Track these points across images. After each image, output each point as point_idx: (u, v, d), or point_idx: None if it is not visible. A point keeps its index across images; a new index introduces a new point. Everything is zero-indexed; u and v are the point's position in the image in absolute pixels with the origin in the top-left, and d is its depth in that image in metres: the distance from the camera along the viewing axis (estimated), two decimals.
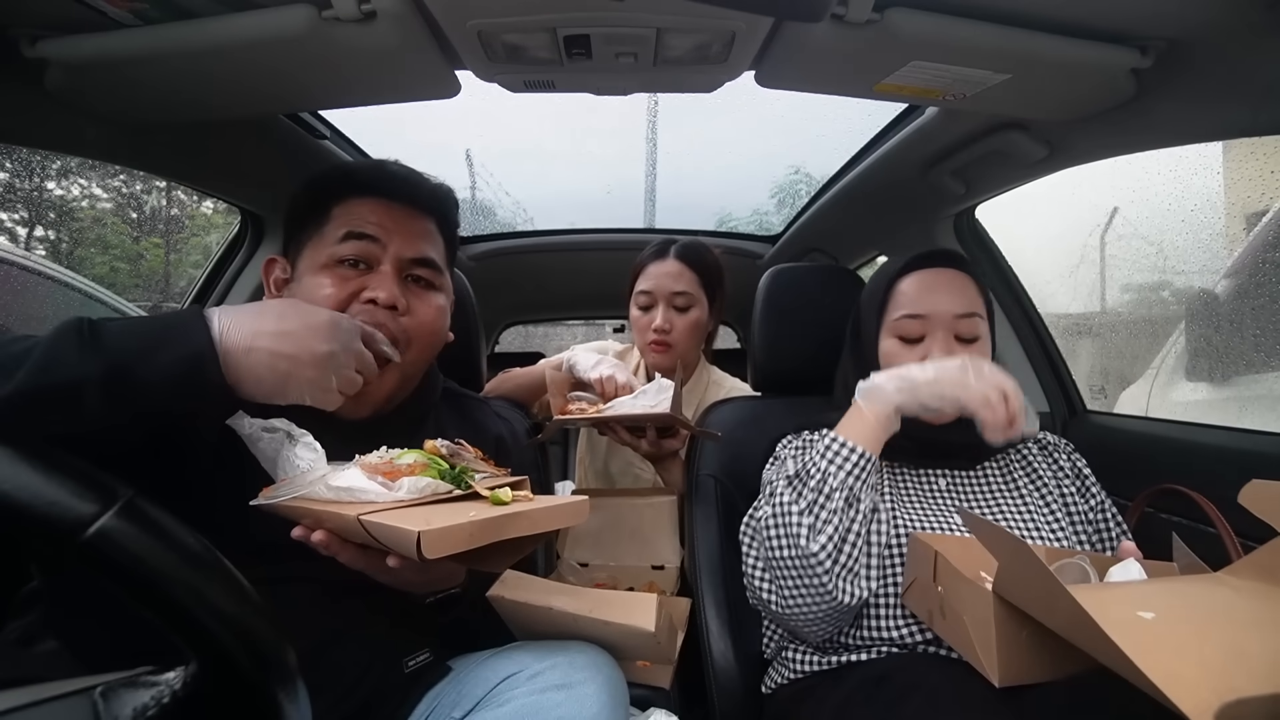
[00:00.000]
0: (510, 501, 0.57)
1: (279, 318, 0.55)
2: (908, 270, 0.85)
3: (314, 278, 0.67)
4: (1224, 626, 0.47)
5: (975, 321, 0.81)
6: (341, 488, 0.53)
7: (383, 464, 0.57)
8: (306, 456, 0.58)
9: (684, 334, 1.23)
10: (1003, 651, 0.53)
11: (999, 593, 0.53)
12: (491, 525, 0.51)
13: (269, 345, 0.53)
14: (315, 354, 0.55)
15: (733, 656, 0.90)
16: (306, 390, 0.56)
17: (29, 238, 2.79)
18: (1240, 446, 0.89)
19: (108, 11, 0.65)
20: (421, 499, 0.55)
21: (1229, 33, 0.67)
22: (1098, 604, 0.44)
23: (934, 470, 0.84)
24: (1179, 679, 0.38)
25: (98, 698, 0.30)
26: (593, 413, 1.04)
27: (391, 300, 0.67)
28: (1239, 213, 1.51)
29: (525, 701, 0.64)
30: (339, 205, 0.70)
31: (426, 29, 0.68)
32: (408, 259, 0.70)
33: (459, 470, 0.60)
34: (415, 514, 0.51)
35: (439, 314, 0.74)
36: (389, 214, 0.69)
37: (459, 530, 0.48)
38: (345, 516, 0.50)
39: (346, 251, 0.67)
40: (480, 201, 2.02)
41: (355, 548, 0.56)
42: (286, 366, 0.54)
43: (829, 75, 0.78)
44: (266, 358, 0.53)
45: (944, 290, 0.82)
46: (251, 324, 0.54)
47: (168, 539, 0.31)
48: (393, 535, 0.48)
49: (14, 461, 0.28)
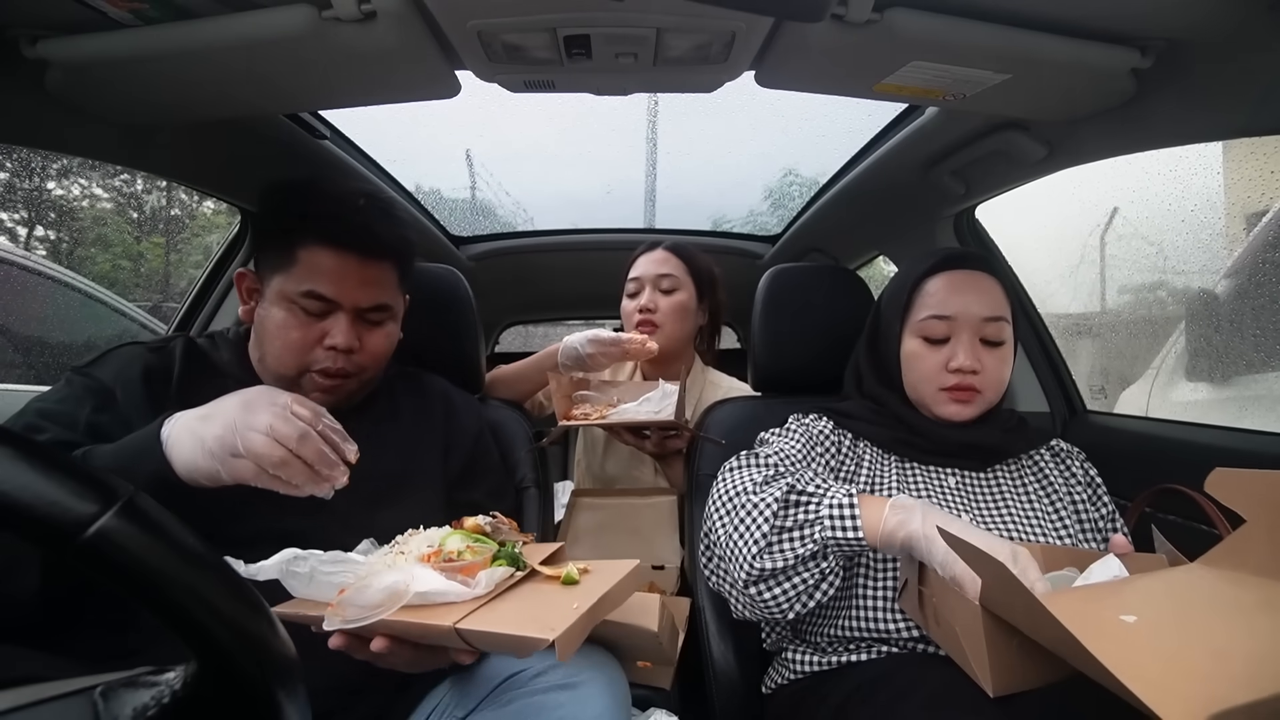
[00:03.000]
0: (580, 578, 0.58)
1: (207, 413, 0.59)
2: (935, 270, 0.84)
3: (281, 314, 0.74)
4: (1204, 625, 0.47)
5: (1002, 326, 0.81)
6: (423, 593, 0.53)
7: (447, 562, 0.56)
8: (348, 569, 0.55)
9: (669, 314, 1.25)
10: (995, 661, 0.53)
11: (986, 605, 0.54)
12: (593, 613, 0.53)
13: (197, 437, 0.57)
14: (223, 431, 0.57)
15: (733, 656, 0.90)
16: (205, 469, 0.58)
17: (29, 238, 2.79)
18: (1240, 446, 0.89)
19: (108, 12, 0.65)
20: (496, 590, 0.56)
21: (1229, 33, 0.67)
22: (1080, 612, 0.45)
23: (945, 469, 0.83)
24: (1165, 692, 0.38)
25: (98, 698, 0.30)
26: (597, 417, 1.05)
27: (348, 345, 0.75)
28: (1239, 213, 1.51)
29: (527, 701, 0.64)
30: (304, 249, 0.74)
31: (426, 29, 0.68)
32: (364, 308, 0.77)
33: (511, 547, 0.61)
34: (507, 611, 0.52)
35: (387, 340, 0.82)
36: (346, 268, 0.75)
37: (578, 625, 0.50)
38: (440, 627, 0.49)
39: (308, 305, 0.74)
40: (480, 201, 2.02)
41: (412, 648, 0.56)
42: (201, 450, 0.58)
43: (829, 75, 0.78)
44: (205, 478, 0.57)
45: (972, 292, 0.81)
46: (194, 418, 0.59)
47: (168, 539, 0.31)
48: (508, 641, 0.48)
49: (14, 461, 0.28)
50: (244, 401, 0.59)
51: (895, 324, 0.86)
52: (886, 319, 0.88)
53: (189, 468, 0.57)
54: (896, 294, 0.87)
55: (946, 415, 0.82)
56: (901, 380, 0.86)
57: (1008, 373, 0.83)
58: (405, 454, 0.83)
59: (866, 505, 0.66)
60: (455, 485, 0.87)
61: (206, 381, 0.75)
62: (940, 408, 0.82)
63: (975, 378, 0.80)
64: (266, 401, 0.59)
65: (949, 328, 0.81)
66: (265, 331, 0.76)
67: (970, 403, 0.81)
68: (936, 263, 0.84)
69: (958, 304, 0.80)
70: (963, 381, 0.80)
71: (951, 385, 0.80)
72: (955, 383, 0.80)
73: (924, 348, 0.82)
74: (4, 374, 1.53)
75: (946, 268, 0.83)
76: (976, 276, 0.82)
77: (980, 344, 0.80)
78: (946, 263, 0.84)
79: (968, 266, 0.83)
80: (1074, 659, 0.44)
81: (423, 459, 0.85)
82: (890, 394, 0.87)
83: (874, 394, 0.89)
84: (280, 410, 0.58)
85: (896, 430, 0.85)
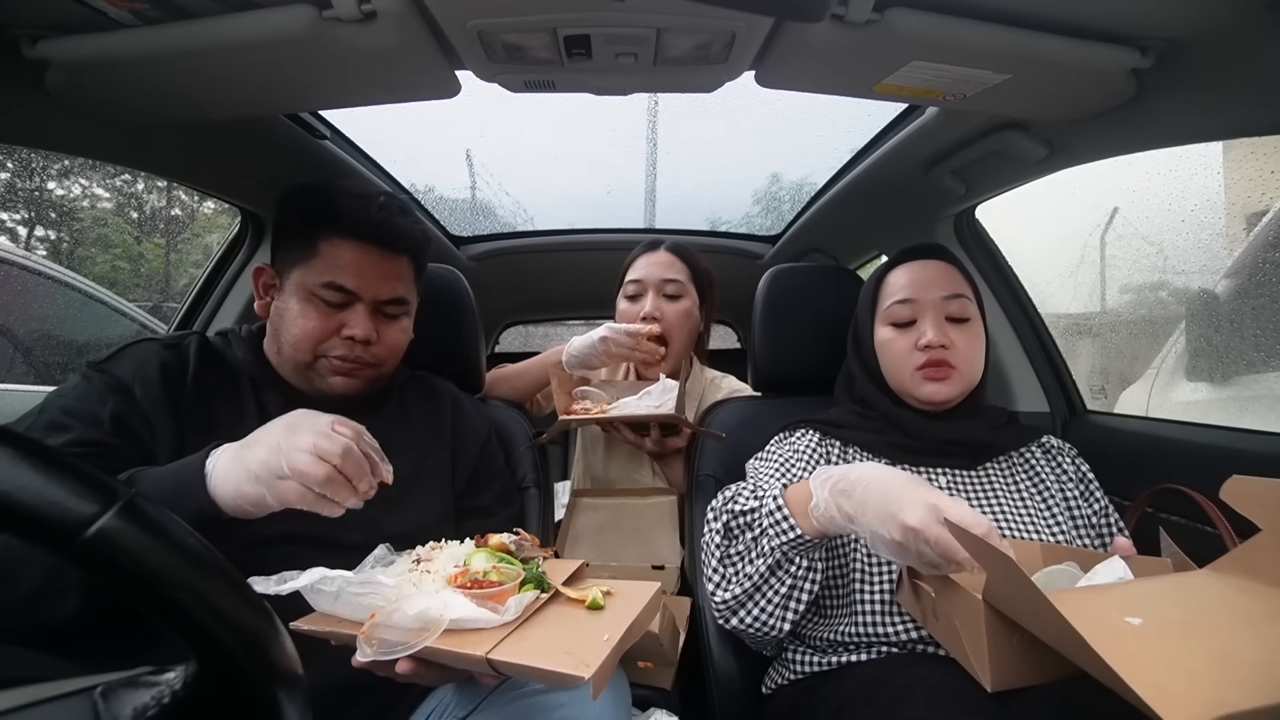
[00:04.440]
0: (605, 603, 0.58)
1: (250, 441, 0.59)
2: (894, 264, 0.90)
3: (300, 305, 0.76)
4: (1211, 631, 0.47)
5: (964, 303, 0.85)
6: (455, 619, 0.53)
7: (475, 584, 0.56)
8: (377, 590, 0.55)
9: (675, 322, 1.21)
10: (995, 657, 0.53)
11: (988, 600, 0.53)
12: (622, 644, 0.52)
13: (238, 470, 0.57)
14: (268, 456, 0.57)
15: (733, 656, 0.90)
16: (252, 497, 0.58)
17: (29, 238, 2.79)
18: (1240, 446, 0.89)
19: (108, 11, 0.65)
20: (525, 614, 0.56)
21: (1229, 33, 0.67)
22: (1085, 611, 0.44)
23: (935, 468, 0.84)
24: (1168, 693, 0.38)
25: (98, 698, 0.30)
26: (597, 413, 1.04)
27: (366, 337, 0.77)
28: (1239, 213, 1.51)
29: (528, 701, 0.64)
30: (325, 242, 0.76)
31: (426, 29, 0.68)
32: (382, 301, 0.79)
33: (535, 567, 0.61)
34: (537, 640, 0.52)
35: (404, 334, 0.84)
36: (368, 260, 0.77)
37: (610, 660, 0.50)
38: (473, 656, 0.50)
39: (328, 295, 0.76)
40: (480, 201, 2.02)
41: (439, 669, 0.56)
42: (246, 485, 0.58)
43: (829, 75, 0.78)
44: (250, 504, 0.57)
45: (929, 274, 0.86)
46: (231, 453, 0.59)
47: (168, 539, 0.31)
48: (541, 675, 0.48)
49: (14, 461, 0.28)
50: (287, 425, 0.59)
51: (868, 320, 0.92)
52: (860, 318, 0.93)
53: (234, 496, 0.56)
54: (866, 292, 0.94)
55: (926, 396, 0.83)
56: (882, 373, 0.89)
57: (980, 349, 0.86)
58: (414, 458, 0.83)
59: (792, 499, 0.69)
60: (463, 491, 0.87)
61: (221, 378, 0.76)
62: (919, 389, 0.84)
63: (946, 353, 0.83)
64: (309, 423, 0.59)
65: (913, 310, 0.85)
66: (284, 321, 0.77)
67: (947, 379, 0.83)
68: (895, 256, 0.91)
69: (917, 288, 0.86)
70: (934, 357, 0.83)
71: (924, 363, 0.83)
72: (927, 359, 0.83)
73: (893, 332, 0.87)
74: (4, 374, 1.53)
75: (904, 260, 0.90)
76: (932, 264, 0.88)
77: (946, 322, 0.84)
78: (903, 255, 0.91)
79: (923, 256, 0.89)
80: (1077, 657, 0.44)
81: (431, 463, 0.85)
82: (880, 394, 0.89)
83: (865, 396, 0.91)
84: (324, 428, 0.58)
85: (885, 434, 0.86)
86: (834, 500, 0.64)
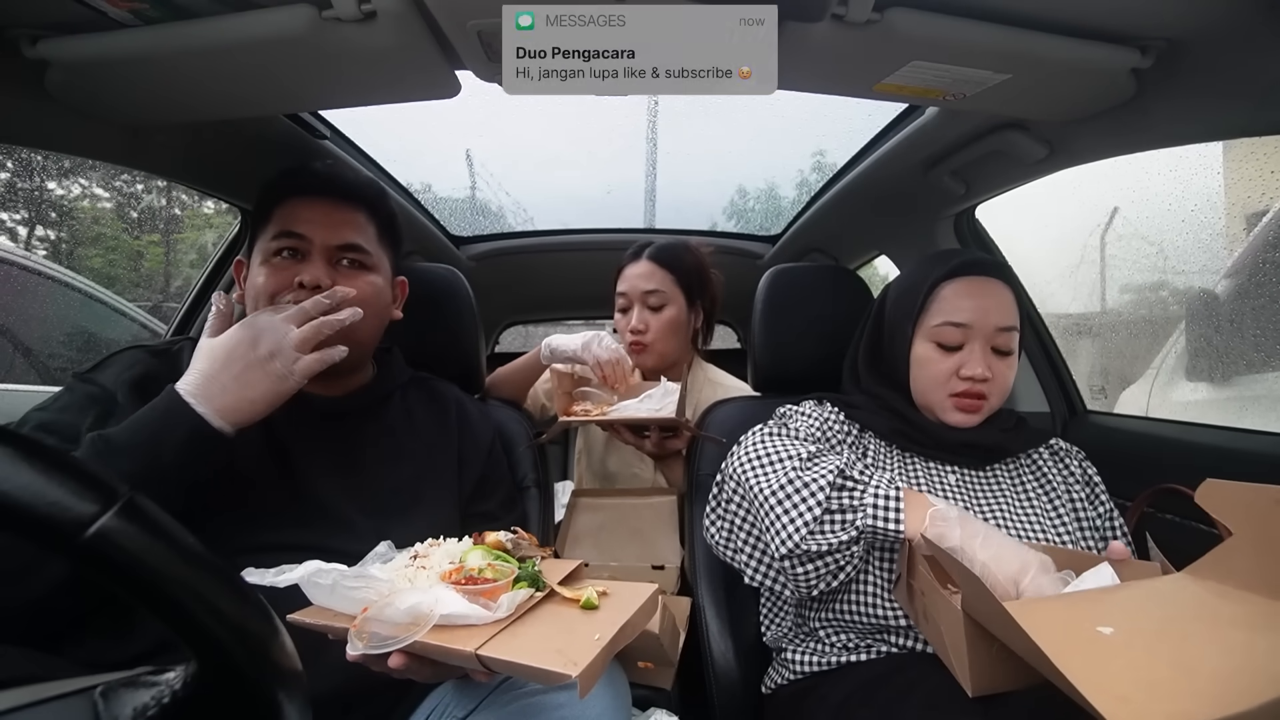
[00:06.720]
0: (599, 603, 0.58)
1: (212, 358, 0.64)
2: (952, 275, 0.83)
3: (257, 270, 0.77)
4: (1180, 639, 0.47)
5: (1013, 336, 0.81)
6: (446, 614, 0.53)
7: (469, 581, 0.56)
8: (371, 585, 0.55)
9: (659, 333, 1.23)
10: (974, 662, 0.54)
11: (967, 611, 0.54)
12: (613, 645, 0.52)
13: (225, 383, 0.63)
14: (260, 363, 0.64)
15: (733, 656, 0.90)
16: (271, 393, 0.64)
17: (29, 237, 2.79)
18: (1240, 446, 0.89)
19: (108, 11, 0.65)
20: (517, 612, 0.56)
21: (1229, 33, 0.67)
22: (1058, 621, 0.46)
23: (945, 465, 0.83)
24: (1128, 703, 0.39)
25: (98, 698, 0.30)
26: (597, 414, 1.04)
27: (315, 282, 0.74)
28: (1239, 213, 1.50)
29: (527, 701, 0.64)
30: (277, 208, 0.78)
31: (426, 29, 0.68)
32: (334, 246, 0.78)
33: (531, 566, 0.61)
34: (528, 638, 0.52)
35: (371, 289, 0.80)
36: (316, 209, 0.78)
37: (600, 659, 0.50)
38: (462, 651, 0.50)
39: (279, 245, 0.76)
40: (480, 201, 2.02)
41: (431, 664, 0.56)
42: (249, 390, 0.64)
43: (829, 75, 0.78)
44: (233, 397, 0.63)
45: (989, 300, 0.80)
46: (206, 376, 0.63)
47: (168, 539, 0.31)
48: (530, 672, 0.48)
49: (14, 461, 0.28)
50: (251, 324, 0.66)
51: (906, 326, 0.84)
52: (895, 319, 0.87)
53: (238, 402, 0.62)
54: (909, 295, 0.85)
55: (953, 423, 0.82)
56: (908, 382, 0.86)
57: (1012, 379, 0.83)
58: (420, 465, 0.82)
59: (910, 502, 0.68)
60: (470, 497, 0.86)
61: None
62: (947, 414, 0.82)
63: (984, 385, 0.80)
64: (267, 315, 0.67)
65: (964, 335, 0.80)
66: (248, 294, 0.78)
67: (977, 411, 0.81)
68: (954, 267, 0.83)
69: (975, 312, 0.80)
70: (972, 389, 0.80)
71: (961, 391, 0.80)
72: (965, 389, 0.80)
73: (936, 353, 0.82)
74: (4, 374, 1.53)
75: (963, 273, 0.82)
76: (993, 284, 0.81)
77: (991, 352, 0.80)
78: (964, 268, 0.83)
79: (984, 273, 0.82)
80: (1043, 669, 0.45)
81: (437, 470, 0.84)
82: (891, 392, 0.87)
83: (872, 391, 0.89)
84: (282, 308, 0.68)
85: (897, 422, 0.85)
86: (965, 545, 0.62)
